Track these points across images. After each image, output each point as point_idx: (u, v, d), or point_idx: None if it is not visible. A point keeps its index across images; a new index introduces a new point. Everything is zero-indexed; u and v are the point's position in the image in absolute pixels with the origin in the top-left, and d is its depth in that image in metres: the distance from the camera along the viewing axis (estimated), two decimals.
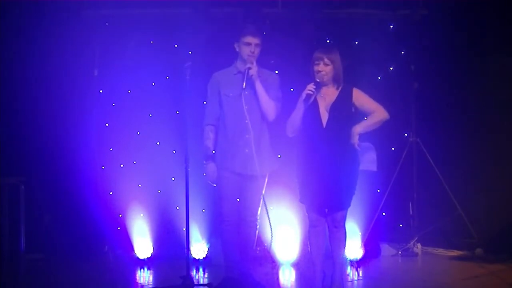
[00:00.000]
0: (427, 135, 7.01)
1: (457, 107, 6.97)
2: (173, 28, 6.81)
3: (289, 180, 5.52)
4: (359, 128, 5.06)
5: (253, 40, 5.35)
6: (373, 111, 5.13)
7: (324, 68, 5.10)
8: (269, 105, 5.40)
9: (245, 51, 5.36)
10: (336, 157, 5.05)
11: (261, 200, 5.46)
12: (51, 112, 6.66)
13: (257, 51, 5.37)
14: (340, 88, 5.17)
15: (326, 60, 5.10)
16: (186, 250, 5.47)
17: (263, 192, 5.45)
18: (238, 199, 5.45)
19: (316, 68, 5.12)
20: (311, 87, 5.05)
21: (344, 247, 5.27)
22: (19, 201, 6.29)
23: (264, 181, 5.45)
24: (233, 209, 5.43)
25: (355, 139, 5.03)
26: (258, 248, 6.23)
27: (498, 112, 6.83)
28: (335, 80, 5.15)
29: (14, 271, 6.15)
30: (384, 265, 6.55)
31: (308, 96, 5.06)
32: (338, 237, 5.20)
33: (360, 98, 5.15)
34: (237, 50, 5.42)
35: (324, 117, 5.11)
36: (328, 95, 5.15)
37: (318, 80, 5.10)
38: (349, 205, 5.18)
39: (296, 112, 5.14)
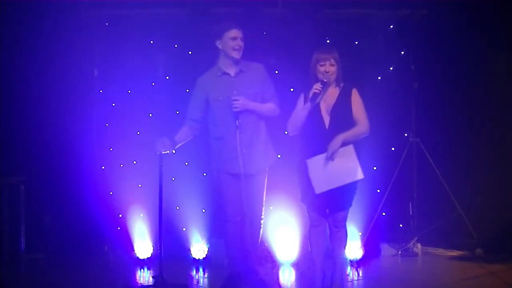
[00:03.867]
0: (427, 135, 7.01)
1: (457, 107, 6.97)
2: (173, 28, 6.81)
3: (289, 180, 5.53)
4: (342, 137, 5.00)
5: (237, 33, 5.30)
6: (358, 122, 5.10)
7: (331, 68, 5.09)
8: (269, 112, 5.41)
9: (231, 45, 5.29)
10: None
11: (264, 197, 5.46)
12: (51, 112, 6.67)
13: (241, 44, 5.31)
14: (340, 88, 5.17)
15: (332, 60, 5.09)
16: (159, 250, 5.54)
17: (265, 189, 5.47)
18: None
19: (322, 68, 5.09)
20: (318, 86, 5.03)
21: (345, 247, 5.28)
22: (19, 201, 6.30)
23: (265, 178, 5.45)
24: (237, 209, 5.42)
25: (337, 146, 4.97)
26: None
27: (498, 112, 6.83)
28: (337, 80, 5.16)
29: (14, 271, 6.15)
30: (384, 265, 6.55)
31: (315, 95, 5.03)
32: (339, 237, 5.21)
33: (355, 103, 5.13)
34: (220, 47, 5.35)
35: (326, 119, 5.10)
36: (329, 96, 5.14)
37: (325, 80, 5.08)
38: (350, 205, 5.19)
39: (301, 112, 5.11)
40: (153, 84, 6.82)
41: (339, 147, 4.97)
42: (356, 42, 6.89)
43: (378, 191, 6.80)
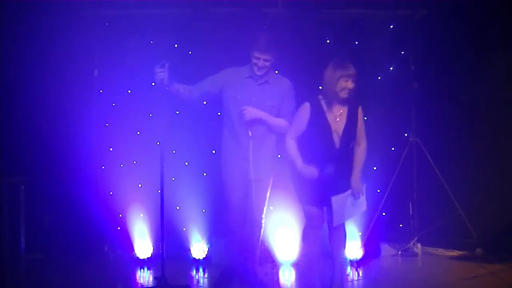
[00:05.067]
0: (427, 135, 7.01)
1: (457, 107, 6.97)
2: (173, 28, 6.81)
3: (289, 181, 5.52)
4: (358, 179, 5.13)
5: (261, 56, 5.35)
6: (360, 144, 5.17)
7: (352, 85, 5.04)
8: (279, 127, 5.45)
9: (254, 62, 5.38)
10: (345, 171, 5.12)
11: (267, 200, 5.49)
12: (51, 112, 6.66)
13: (267, 64, 5.37)
14: (348, 106, 5.14)
15: (354, 78, 5.05)
16: (161, 251, 5.51)
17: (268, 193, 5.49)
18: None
19: (345, 84, 5.02)
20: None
21: (344, 247, 5.30)
22: (19, 201, 6.29)
23: (269, 183, 5.49)
24: (240, 210, 5.45)
25: (361, 186, 5.14)
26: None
27: (498, 112, 6.83)
28: (350, 97, 5.10)
29: (14, 271, 6.15)
30: (384, 265, 6.55)
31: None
32: (338, 236, 5.21)
33: (360, 122, 5.18)
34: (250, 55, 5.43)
35: (337, 140, 5.09)
36: (340, 116, 5.11)
37: (343, 96, 5.05)
38: None
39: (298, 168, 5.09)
40: (153, 84, 6.81)
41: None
42: (356, 42, 6.88)
43: (378, 191, 6.80)
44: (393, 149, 6.97)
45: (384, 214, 6.85)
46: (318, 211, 5.17)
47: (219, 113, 5.66)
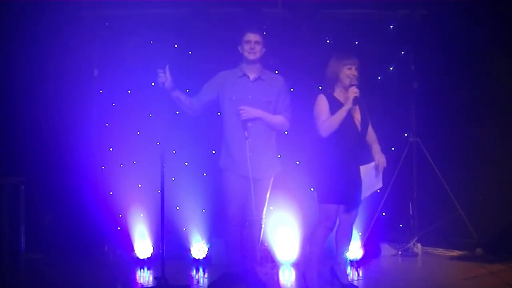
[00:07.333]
0: (427, 135, 7.02)
1: (457, 107, 6.97)
2: (173, 28, 6.81)
3: (288, 181, 5.53)
4: (380, 151, 5.33)
5: (252, 37, 5.36)
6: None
7: (355, 72, 5.21)
8: (277, 124, 5.46)
9: (245, 48, 5.38)
10: (363, 158, 5.26)
11: (267, 200, 5.48)
12: (51, 112, 6.66)
13: (257, 48, 5.37)
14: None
15: (357, 66, 5.23)
16: (161, 251, 5.51)
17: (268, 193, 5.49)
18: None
19: (349, 72, 5.20)
20: (356, 90, 5.13)
21: (348, 247, 5.42)
22: (19, 201, 6.29)
23: (270, 182, 5.48)
24: (239, 210, 5.45)
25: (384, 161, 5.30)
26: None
27: (498, 112, 6.83)
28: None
29: (14, 271, 6.15)
30: (384, 265, 6.55)
31: (356, 99, 5.13)
32: (346, 235, 5.34)
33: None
34: (241, 51, 5.44)
35: (358, 122, 5.23)
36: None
37: (353, 83, 5.18)
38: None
39: (341, 115, 5.13)
40: (153, 84, 6.81)
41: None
42: (356, 42, 6.89)
43: (378, 191, 6.78)
44: (393, 149, 6.97)
45: (384, 214, 6.86)
46: (335, 211, 5.19)
47: (219, 113, 5.65)
